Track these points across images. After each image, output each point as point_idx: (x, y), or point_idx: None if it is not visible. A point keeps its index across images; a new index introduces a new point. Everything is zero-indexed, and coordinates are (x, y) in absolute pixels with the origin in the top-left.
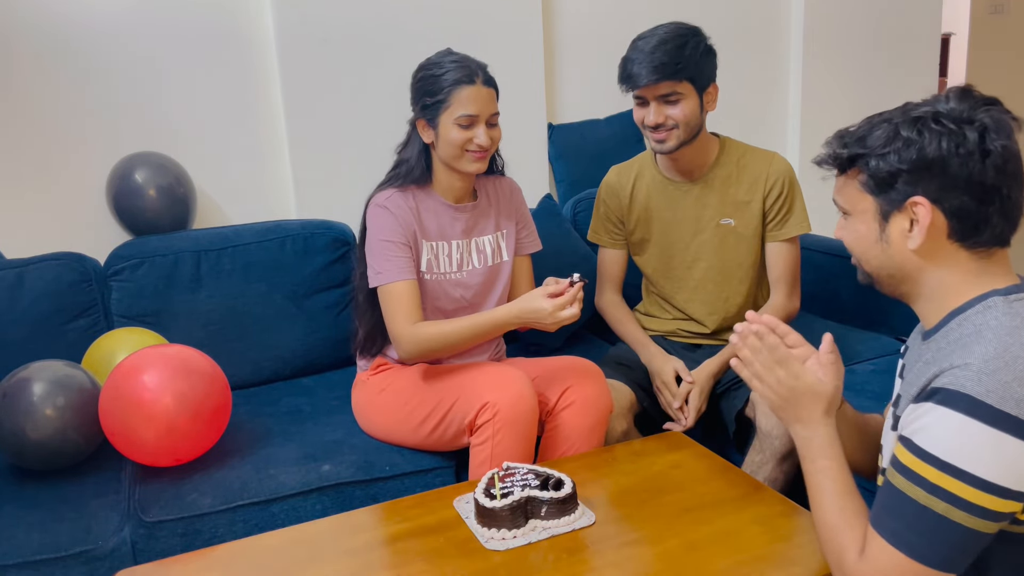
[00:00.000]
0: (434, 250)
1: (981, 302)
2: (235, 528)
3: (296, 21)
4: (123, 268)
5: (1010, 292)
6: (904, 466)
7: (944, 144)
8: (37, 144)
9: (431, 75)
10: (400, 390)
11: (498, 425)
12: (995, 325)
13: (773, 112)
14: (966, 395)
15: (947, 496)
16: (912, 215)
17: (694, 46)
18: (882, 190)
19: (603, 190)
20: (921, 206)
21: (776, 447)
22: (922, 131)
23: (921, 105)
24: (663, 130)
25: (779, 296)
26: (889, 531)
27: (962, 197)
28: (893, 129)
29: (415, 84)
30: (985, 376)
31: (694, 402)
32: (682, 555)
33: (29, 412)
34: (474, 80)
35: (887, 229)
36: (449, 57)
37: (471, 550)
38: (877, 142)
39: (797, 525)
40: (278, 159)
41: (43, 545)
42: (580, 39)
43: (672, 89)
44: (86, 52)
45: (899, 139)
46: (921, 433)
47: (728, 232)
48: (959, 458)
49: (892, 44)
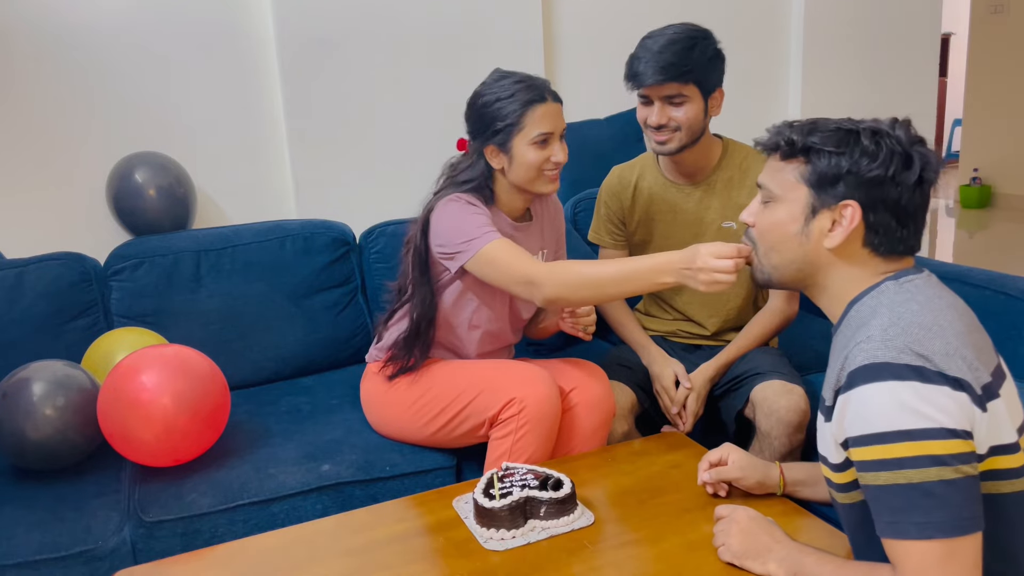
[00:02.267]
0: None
1: (876, 288)
2: (235, 528)
3: (296, 21)
4: (123, 268)
5: (899, 276)
6: (876, 461)
7: (893, 165)
8: (37, 144)
9: (497, 99)
10: (415, 382)
11: (522, 421)
12: (887, 302)
13: (773, 112)
14: (882, 363)
15: (930, 460)
16: (839, 216)
17: (703, 49)
18: (821, 186)
19: (604, 191)
20: (851, 209)
21: (776, 448)
22: (880, 144)
23: (875, 122)
24: (666, 131)
25: (778, 300)
26: (913, 527)
27: (887, 214)
28: (852, 134)
29: (477, 111)
30: (888, 341)
31: (691, 407)
32: (682, 555)
33: (29, 412)
34: (545, 98)
35: (811, 223)
36: (510, 78)
37: (470, 550)
38: (833, 140)
39: (797, 525)
40: (278, 159)
41: (43, 545)
42: (580, 39)
43: (678, 91)
44: (86, 52)
45: (857, 145)
46: (866, 421)
47: (730, 235)
48: (911, 420)
49: (892, 44)
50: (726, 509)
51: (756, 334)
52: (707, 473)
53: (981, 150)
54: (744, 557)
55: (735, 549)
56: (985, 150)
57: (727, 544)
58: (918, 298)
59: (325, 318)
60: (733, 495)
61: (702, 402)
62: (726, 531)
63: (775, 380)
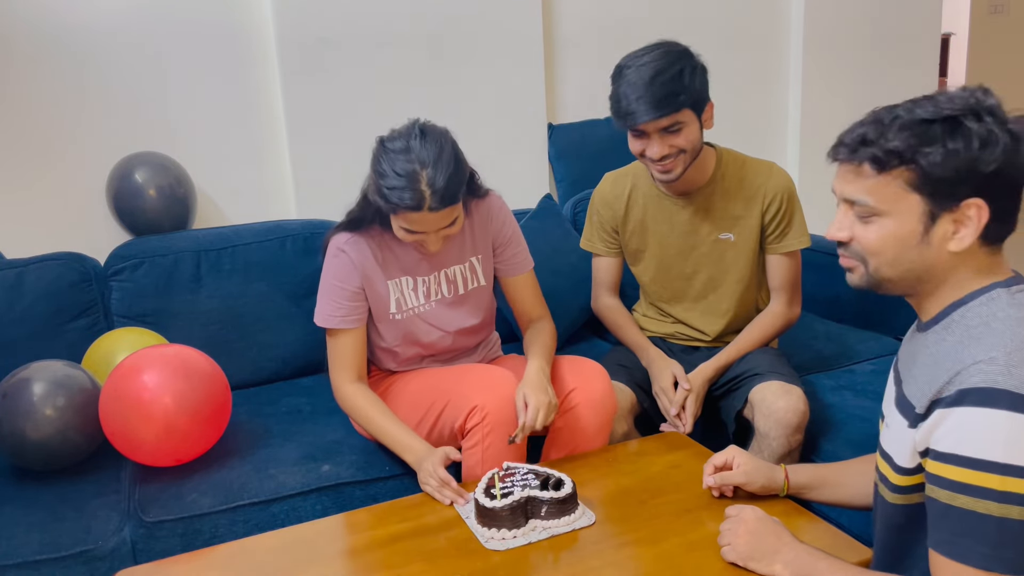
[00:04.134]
0: (399, 287)
1: (985, 294)
2: (235, 528)
3: (296, 21)
4: (123, 268)
5: (1010, 284)
6: (960, 483)
7: (1007, 144)
8: (38, 144)
9: (383, 178)
10: (390, 396)
11: (487, 428)
12: (1003, 316)
13: (773, 113)
14: (1003, 391)
15: (1016, 498)
16: (962, 217)
17: (690, 71)
18: (937, 190)
19: (596, 200)
20: (977, 207)
21: (774, 448)
22: (990, 128)
23: (960, 98)
24: (668, 160)
25: (779, 304)
26: (977, 556)
27: (1007, 200)
28: (952, 124)
29: (373, 167)
30: (1014, 368)
31: (690, 408)
32: (682, 555)
33: (29, 412)
34: (420, 207)
35: (932, 230)
36: (406, 164)
37: (471, 550)
38: (936, 137)
39: (796, 525)
40: (278, 159)
41: (43, 545)
42: (580, 39)
43: (674, 120)
44: (86, 52)
45: (964, 135)
46: (964, 442)
47: (727, 247)
48: (1017, 455)
49: (892, 44)
50: (734, 509)
51: (756, 336)
52: (712, 478)
53: None
54: (748, 559)
55: (740, 550)
56: None
57: (732, 544)
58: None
59: None
60: (738, 495)
61: (700, 403)
62: (732, 531)
63: (774, 381)
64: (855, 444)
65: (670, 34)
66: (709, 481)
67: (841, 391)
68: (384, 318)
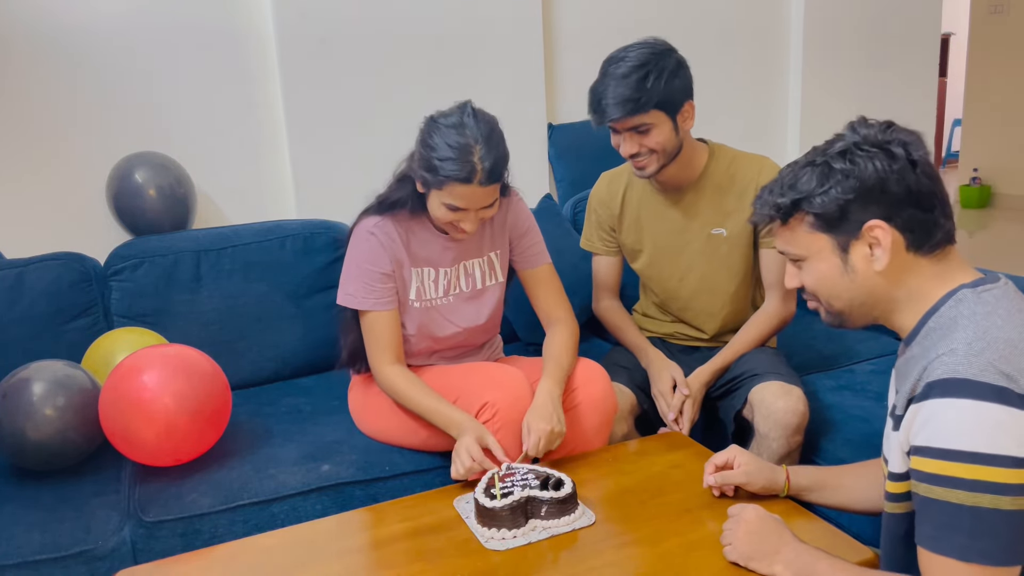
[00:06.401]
0: (421, 277)
1: (952, 296)
2: (235, 528)
3: (296, 21)
4: (123, 268)
5: (976, 284)
6: (934, 475)
7: (878, 165)
8: (38, 144)
9: (434, 149)
10: None
11: (498, 425)
12: (968, 313)
13: (773, 112)
14: (963, 379)
15: (988, 487)
16: (871, 239)
17: (657, 74)
18: (834, 225)
19: (593, 199)
20: (879, 228)
21: (774, 449)
22: (854, 160)
23: (834, 142)
24: (640, 158)
25: (773, 301)
26: (956, 548)
27: (909, 209)
28: (824, 167)
29: (421, 142)
30: (973, 357)
31: (687, 413)
32: (682, 555)
33: (29, 412)
34: (471, 180)
35: (849, 260)
36: (460, 136)
37: (471, 550)
38: (813, 183)
39: (797, 525)
40: (278, 159)
41: (43, 545)
42: (580, 39)
43: (641, 121)
44: (86, 52)
45: (835, 173)
46: (934, 434)
47: (721, 242)
48: (981, 443)
49: (892, 44)
50: (736, 508)
51: (753, 336)
52: (712, 477)
53: (981, 150)
54: (749, 558)
55: (741, 549)
56: (985, 150)
57: (733, 544)
58: (999, 311)
59: (325, 318)
60: (738, 495)
61: (698, 407)
62: (733, 530)
63: (773, 381)
64: (855, 444)
65: (670, 34)
66: (710, 480)
67: (841, 391)
68: (404, 305)
